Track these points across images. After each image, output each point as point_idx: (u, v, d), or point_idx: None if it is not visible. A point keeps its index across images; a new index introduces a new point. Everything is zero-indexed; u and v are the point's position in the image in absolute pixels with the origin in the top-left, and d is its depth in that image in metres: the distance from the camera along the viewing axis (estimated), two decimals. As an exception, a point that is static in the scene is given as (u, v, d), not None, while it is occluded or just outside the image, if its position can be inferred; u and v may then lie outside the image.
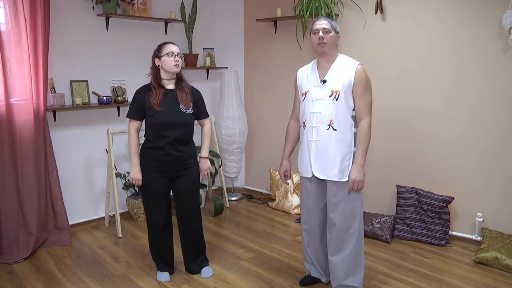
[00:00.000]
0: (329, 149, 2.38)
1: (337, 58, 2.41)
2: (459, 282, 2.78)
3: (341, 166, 2.37)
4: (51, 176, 3.37)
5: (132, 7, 3.76)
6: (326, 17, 2.40)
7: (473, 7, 3.08)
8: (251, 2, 4.53)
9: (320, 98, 2.39)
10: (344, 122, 2.35)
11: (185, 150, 2.68)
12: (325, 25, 2.35)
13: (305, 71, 2.55)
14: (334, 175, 2.38)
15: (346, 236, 2.43)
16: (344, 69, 2.36)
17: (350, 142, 2.38)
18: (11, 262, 3.06)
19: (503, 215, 3.15)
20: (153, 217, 2.75)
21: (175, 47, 2.62)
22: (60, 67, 3.52)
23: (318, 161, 2.42)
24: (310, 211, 2.58)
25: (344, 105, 2.34)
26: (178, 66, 2.61)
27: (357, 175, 2.32)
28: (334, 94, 2.35)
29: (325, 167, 2.40)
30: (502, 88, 3.04)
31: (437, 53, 3.29)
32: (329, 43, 2.35)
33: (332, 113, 2.35)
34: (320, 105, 2.39)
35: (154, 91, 2.61)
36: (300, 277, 2.83)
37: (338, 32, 2.39)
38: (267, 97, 4.54)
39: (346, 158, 2.37)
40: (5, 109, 3.07)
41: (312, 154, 2.44)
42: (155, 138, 2.62)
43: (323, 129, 2.38)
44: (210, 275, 2.87)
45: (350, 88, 2.33)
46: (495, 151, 3.13)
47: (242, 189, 4.93)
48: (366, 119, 2.34)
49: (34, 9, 3.10)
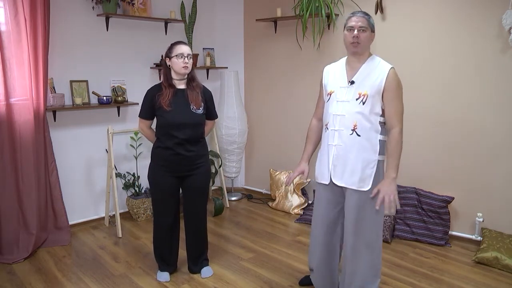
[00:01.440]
0: (350, 155, 2.21)
1: (369, 59, 2.23)
2: (459, 282, 2.78)
3: (362, 175, 2.20)
4: (51, 176, 3.37)
5: (132, 7, 3.76)
6: (364, 14, 2.18)
7: (473, 7, 3.08)
8: (251, 2, 4.53)
9: (346, 100, 2.22)
10: (370, 128, 2.18)
11: (195, 150, 2.67)
12: (361, 23, 2.15)
13: (333, 69, 2.37)
14: (354, 183, 2.21)
15: (362, 248, 2.26)
16: (375, 71, 2.18)
17: (374, 150, 2.20)
18: (11, 262, 3.06)
19: (503, 215, 3.15)
20: (159, 217, 2.75)
21: (186, 48, 2.59)
22: (60, 67, 3.52)
23: (337, 166, 2.26)
24: (317, 217, 2.43)
25: (371, 110, 2.17)
26: (187, 68, 2.59)
27: (387, 189, 2.13)
28: (362, 98, 2.18)
29: (344, 173, 2.24)
30: (502, 88, 3.04)
31: (437, 53, 3.29)
32: (363, 43, 2.17)
33: (357, 117, 2.19)
34: (345, 108, 2.22)
35: (164, 91, 2.61)
36: (300, 277, 2.83)
37: (373, 31, 2.21)
38: (267, 97, 4.54)
39: (369, 166, 2.20)
40: (5, 109, 3.07)
41: (331, 159, 2.28)
42: (165, 137, 2.63)
43: (346, 134, 2.22)
44: (210, 275, 2.87)
45: (379, 93, 2.16)
46: (495, 151, 3.13)
47: (242, 189, 4.93)
48: (397, 128, 2.15)
49: (34, 9, 3.10)
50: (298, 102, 4.25)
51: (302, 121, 4.25)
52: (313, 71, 4.06)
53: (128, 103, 3.85)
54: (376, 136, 2.20)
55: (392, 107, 2.16)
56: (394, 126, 2.16)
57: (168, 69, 2.64)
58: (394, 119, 2.16)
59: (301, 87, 4.19)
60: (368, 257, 2.27)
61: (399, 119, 2.17)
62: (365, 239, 2.26)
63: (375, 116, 2.19)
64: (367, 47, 2.22)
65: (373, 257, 2.29)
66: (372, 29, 2.20)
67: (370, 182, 2.20)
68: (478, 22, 3.07)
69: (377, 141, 2.20)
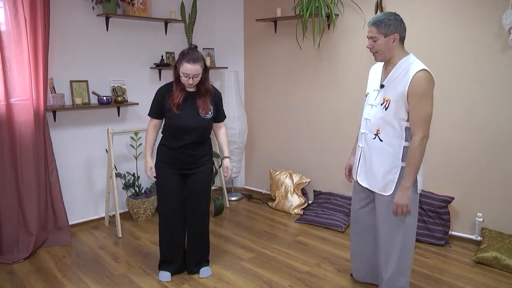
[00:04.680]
0: (373, 159, 2.25)
1: (400, 61, 2.16)
2: (459, 282, 2.78)
3: (383, 180, 2.22)
4: (51, 176, 3.37)
5: (132, 7, 3.76)
6: (374, 21, 2.15)
7: (473, 7, 3.08)
8: (251, 2, 4.53)
9: (374, 104, 2.24)
10: (393, 134, 2.17)
11: (200, 150, 2.70)
12: (370, 33, 2.16)
13: (374, 70, 2.37)
14: (377, 186, 2.27)
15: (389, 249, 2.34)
16: (402, 75, 2.13)
17: (397, 156, 2.18)
18: (11, 262, 3.06)
19: (503, 215, 3.15)
20: (164, 213, 2.75)
21: (193, 68, 2.48)
22: (60, 67, 3.52)
23: (363, 167, 2.33)
24: (352, 211, 2.59)
25: (394, 116, 2.14)
26: (191, 85, 2.58)
27: (399, 198, 2.14)
28: (385, 103, 2.17)
29: (368, 176, 2.31)
30: (501, 87, 3.04)
31: (437, 53, 3.29)
32: (380, 51, 2.16)
33: (380, 122, 2.19)
34: (372, 111, 2.25)
35: (175, 93, 2.60)
36: (300, 277, 2.84)
37: (392, 33, 2.12)
38: (267, 97, 4.54)
39: (391, 172, 2.20)
40: (5, 109, 3.07)
41: (359, 159, 2.37)
42: (171, 138, 2.65)
43: (370, 137, 2.25)
44: (208, 275, 2.87)
45: (403, 98, 2.10)
46: (495, 151, 3.13)
47: (242, 189, 4.93)
48: (418, 136, 2.09)
49: (34, 9, 3.10)
50: (298, 102, 4.25)
51: (302, 121, 4.26)
52: (313, 71, 4.06)
53: (128, 103, 3.85)
54: (400, 143, 2.17)
55: (415, 113, 2.09)
56: (414, 133, 2.12)
57: (178, 75, 2.59)
58: (415, 126, 2.10)
59: (301, 87, 4.19)
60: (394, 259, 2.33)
61: (421, 126, 2.09)
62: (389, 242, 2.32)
63: (400, 122, 2.15)
64: (387, 52, 2.17)
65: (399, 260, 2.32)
66: (387, 33, 2.12)
67: (392, 187, 2.22)
68: (478, 22, 3.07)
69: (401, 147, 2.18)
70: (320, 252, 3.25)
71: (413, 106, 2.09)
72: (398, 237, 2.29)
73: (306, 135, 4.22)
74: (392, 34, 2.13)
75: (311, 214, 3.92)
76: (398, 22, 2.14)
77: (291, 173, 4.27)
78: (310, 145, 4.21)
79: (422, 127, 2.09)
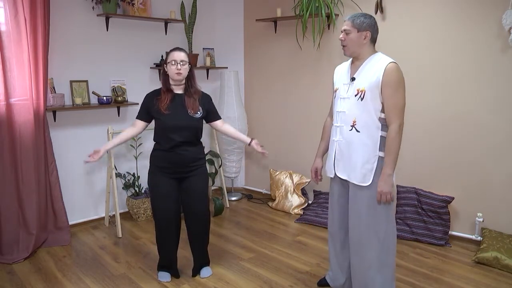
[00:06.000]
0: (350, 151, 2.27)
1: (370, 57, 2.25)
2: (459, 282, 2.78)
3: (362, 170, 2.23)
4: (51, 176, 3.37)
5: (132, 7, 3.76)
6: (350, 17, 2.24)
7: (473, 7, 3.08)
8: (251, 2, 4.53)
9: (346, 97, 2.28)
10: (369, 124, 2.20)
11: (192, 150, 2.69)
12: (345, 26, 2.22)
13: (341, 68, 2.44)
14: (355, 178, 2.26)
15: (364, 248, 2.30)
16: (374, 67, 2.20)
17: (375, 146, 2.21)
18: (11, 262, 3.06)
19: (503, 215, 3.15)
20: (158, 221, 2.74)
21: (179, 54, 2.60)
22: (60, 67, 3.52)
23: (340, 161, 2.34)
24: (332, 213, 2.52)
25: (370, 106, 2.19)
26: (180, 74, 2.60)
27: (383, 186, 2.17)
28: (360, 94, 2.21)
29: (346, 168, 2.31)
30: (501, 87, 3.04)
31: (436, 53, 3.29)
32: (349, 44, 2.23)
33: (356, 113, 2.22)
34: (345, 104, 2.28)
35: (163, 95, 2.66)
36: (300, 277, 2.84)
37: (364, 30, 2.19)
38: (267, 97, 4.54)
39: (369, 162, 2.22)
40: (5, 109, 3.07)
41: (335, 154, 2.36)
42: (162, 140, 2.66)
43: (346, 130, 2.27)
44: (209, 275, 2.87)
45: (377, 88, 2.16)
46: (495, 151, 3.13)
47: (242, 189, 4.93)
48: (395, 124, 2.15)
49: (34, 9, 3.10)
50: (298, 102, 4.25)
51: (302, 121, 4.26)
52: (313, 71, 4.06)
53: (128, 103, 3.85)
54: (377, 132, 2.21)
55: (390, 103, 2.15)
56: (391, 122, 2.16)
57: (166, 75, 2.68)
58: (392, 115, 2.16)
59: (301, 87, 4.19)
60: (369, 256, 2.29)
61: (397, 115, 2.16)
62: (367, 237, 2.28)
63: (375, 112, 2.19)
64: (359, 46, 2.23)
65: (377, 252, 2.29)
66: (360, 29, 2.19)
67: (370, 177, 2.23)
68: (478, 22, 3.07)
69: (378, 137, 2.22)
70: (320, 252, 3.25)
71: (389, 96, 2.15)
72: (380, 228, 2.28)
73: (306, 135, 4.22)
74: (364, 31, 2.20)
75: (311, 214, 3.92)
76: (372, 23, 2.23)
77: (291, 173, 4.27)
78: (310, 145, 4.20)
79: (398, 116, 2.16)
